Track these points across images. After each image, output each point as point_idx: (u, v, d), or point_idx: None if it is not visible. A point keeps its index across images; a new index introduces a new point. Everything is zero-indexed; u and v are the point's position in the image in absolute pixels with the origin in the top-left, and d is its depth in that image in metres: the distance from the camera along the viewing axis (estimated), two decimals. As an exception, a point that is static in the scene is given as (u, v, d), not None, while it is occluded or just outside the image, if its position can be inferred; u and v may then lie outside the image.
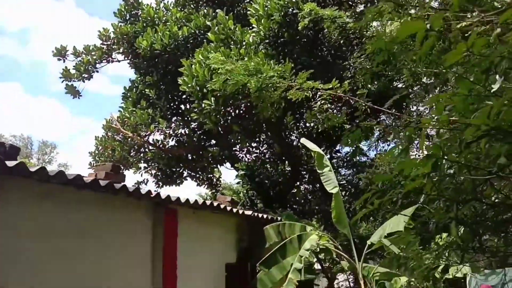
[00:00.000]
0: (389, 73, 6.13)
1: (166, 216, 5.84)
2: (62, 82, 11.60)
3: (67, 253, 4.50)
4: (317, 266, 11.17)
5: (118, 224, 5.28)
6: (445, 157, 2.08)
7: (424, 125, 2.41)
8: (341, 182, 12.24)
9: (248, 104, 8.72)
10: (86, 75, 11.64)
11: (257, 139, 11.92)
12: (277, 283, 6.58)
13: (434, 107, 2.57)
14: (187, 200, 5.87)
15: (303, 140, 8.68)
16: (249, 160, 12.33)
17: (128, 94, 11.68)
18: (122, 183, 4.76)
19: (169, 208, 5.97)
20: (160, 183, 13.13)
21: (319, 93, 5.95)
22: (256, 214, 7.93)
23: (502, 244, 2.82)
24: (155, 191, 6.16)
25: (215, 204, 6.49)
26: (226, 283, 7.31)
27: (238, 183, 11.58)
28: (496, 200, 2.53)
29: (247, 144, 11.86)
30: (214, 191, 14.30)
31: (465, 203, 2.27)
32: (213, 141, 12.93)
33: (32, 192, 4.24)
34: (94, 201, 4.96)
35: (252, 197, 11.32)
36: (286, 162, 12.27)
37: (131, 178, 15.12)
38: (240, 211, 7.36)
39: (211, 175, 14.70)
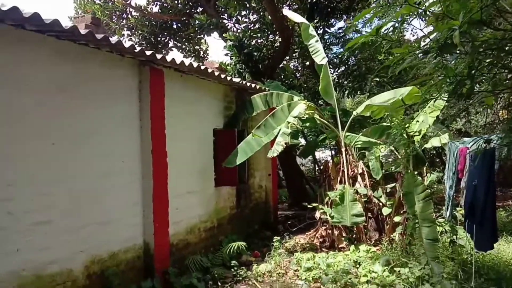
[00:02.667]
0: None
1: (152, 75, 5.68)
2: None
3: (49, 108, 4.40)
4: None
5: (101, 81, 5.11)
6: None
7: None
8: (333, 60, 12.03)
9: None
10: None
11: (248, 5, 11.21)
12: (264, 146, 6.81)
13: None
14: (173, 59, 5.66)
15: (287, 12, 8.26)
16: (238, 31, 11.80)
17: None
18: (103, 35, 4.47)
19: (155, 67, 5.78)
20: (145, 52, 12.65)
21: None
22: (244, 82, 7.82)
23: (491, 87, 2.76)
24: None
25: (203, 67, 6.29)
26: (214, 147, 7.53)
27: (226, 54, 11.23)
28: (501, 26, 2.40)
29: (237, 12, 11.22)
30: (201, 64, 13.98)
31: (472, 25, 2.14)
32: (200, 8, 12.18)
33: (7, 40, 3.97)
34: (75, 54, 4.72)
35: (240, 70, 11.09)
36: (277, 34, 11.79)
37: (114, 47, 14.54)
38: (228, 78, 7.23)
39: (198, 47, 14.23)
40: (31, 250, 4.14)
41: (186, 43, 13.91)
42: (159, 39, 13.26)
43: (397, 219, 6.92)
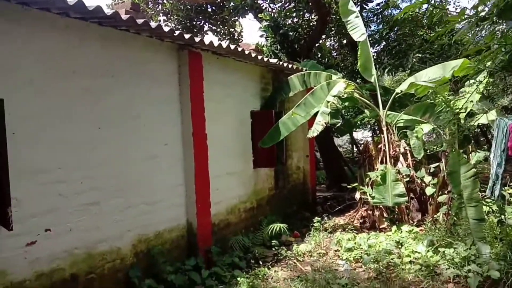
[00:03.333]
0: None
1: (190, 59, 5.73)
2: None
3: (95, 93, 4.55)
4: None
5: (142, 66, 5.22)
6: None
7: None
8: (372, 37, 11.64)
9: None
10: None
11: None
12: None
13: None
14: (211, 42, 5.68)
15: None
16: (274, 11, 11.64)
17: None
18: (143, 20, 4.53)
19: (193, 51, 5.83)
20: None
21: None
22: (280, 62, 7.75)
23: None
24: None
25: (240, 49, 6.28)
26: (251, 129, 7.56)
27: (261, 36, 11.13)
28: None
29: (272, -9, 11.07)
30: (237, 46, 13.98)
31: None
32: (235, -10, 12.09)
33: (54, 27, 4.12)
34: (117, 40, 4.83)
35: (276, 51, 10.98)
36: (313, 12, 11.54)
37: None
38: (265, 59, 7.18)
39: (233, 29, 14.19)
40: (82, 229, 4.36)
41: (221, 26, 13.90)
42: (194, 23, 13.33)
43: (441, 199, 6.74)
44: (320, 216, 9.03)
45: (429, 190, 7.06)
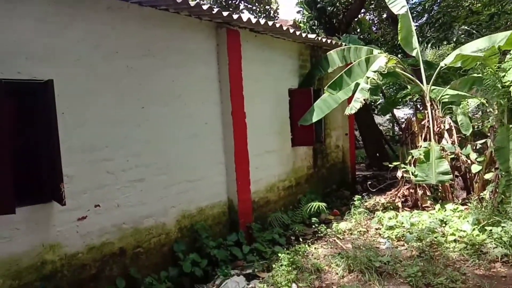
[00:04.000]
0: None
1: (229, 36, 5.72)
2: None
3: (139, 73, 4.65)
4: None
5: (182, 45, 5.27)
6: None
7: None
8: (414, 10, 11.14)
9: None
10: None
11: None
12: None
13: None
14: (249, 19, 5.64)
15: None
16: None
17: None
18: (182, -1, 4.54)
19: (231, 29, 5.82)
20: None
21: None
22: (319, 38, 7.59)
23: None
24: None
25: (278, 25, 6.19)
26: (289, 107, 7.50)
27: (298, 12, 10.91)
28: None
29: (308, -34, 10.76)
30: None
31: None
32: (270, -34, 11.87)
33: (97, 9, 4.22)
34: (157, 20, 4.89)
35: (313, 26, 10.75)
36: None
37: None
38: (304, 34, 7.04)
39: (268, 7, 13.99)
40: (129, 205, 4.54)
41: (257, 4, 13.74)
42: (230, 1, 13.25)
43: (487, 176, 6.47)
44: (360, 195, 8.96)
45: (475, 168, 6.79)
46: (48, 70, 3.74)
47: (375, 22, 13.47)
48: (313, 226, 6.90)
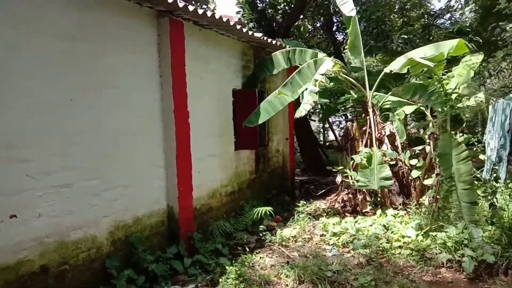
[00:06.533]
0: None
1: (172, 27, 5.19)
2: None
3: (65, 57, 3.96)
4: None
5: (119, 31, 4.63)
6: None
7: None
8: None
9: None
10: None
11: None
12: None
13: None
14: (195, 9, 5.16)
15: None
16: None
17: None
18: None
19: (174, 19, 5.29)
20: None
21: None
22: (265, 38, 7.30)
23: None
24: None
25: (225, 19, 5.78)
26: (233, 109, 7.11)
27: (238, 12, 10.59)
28: None
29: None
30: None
31: None
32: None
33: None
34: (89, 1, 4.23)
35: (253, 28, 10.49)
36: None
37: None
38: (250, 32, 6.70)
39: (206, 6, 13.52)
40: (53, 215, 3.82)
41: (193, 1, 13.19)
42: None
43: (427, 182, 6.60)
44: (299, 200, 8.82)
45: (415, 173, 6.91)
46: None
47: (310, 29, 13.60)
48: (257, 234, 6.59)
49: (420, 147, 7.32)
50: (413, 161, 7.05)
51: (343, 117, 17.29)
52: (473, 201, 5.49)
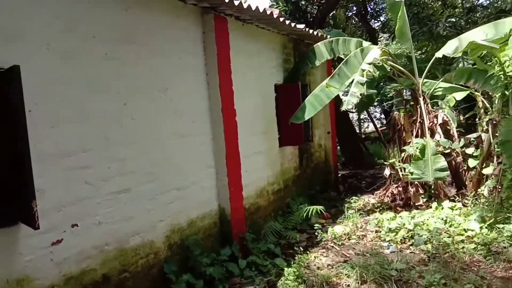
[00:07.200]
0: None
1: (216, 23, 5.06)
2: None
3: (115, 61, 3.86)
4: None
5: (165, 31, 4.53)
6: None
7: None
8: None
9: None
10: None
11: None
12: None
13: None
14: (240, 3, 4.99)
15: None
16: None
17: None
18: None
19: (218, 15, 5.15)
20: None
21: None
22: (307, 29, 7.06)
23: None
24: None
25: (268, 12, 5.59)
26: (276, 104, 6.92)
27: (271, 5, 10.36)
28: None
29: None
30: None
31: None
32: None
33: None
34: (137, 1, 4.13)
35: (288, 20, 10.22)
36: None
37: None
38: (293, 24, 6.48)
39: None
40: (112, 222, 3.75)
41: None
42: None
43: (486, 171, 6.21)
44: (346, 195, 8.56)
45: (472, 162, 6.53)
46: (11, 56, 2.92)
47: (350, 15, 13.23)
48: (307, 232, 6.40)
49: (475, 135, 6.92)
50: (469, 150, 6.67)
51: (379, 108, 16.80)
52: (543, 191, 5.11)
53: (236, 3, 4.89)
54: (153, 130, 4.26)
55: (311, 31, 7.15)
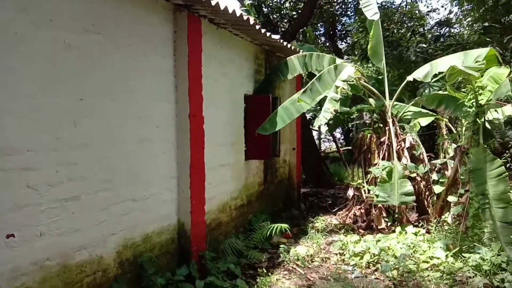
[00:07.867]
0: None
1: (190, 23, 4.71)
2: None
3: (76, 51, 3.40)
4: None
5: (133, 25, 4.12)
6: None
7: None
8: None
9: None
10: None
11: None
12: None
13: None
14: (217, 4, 4.67)
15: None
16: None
17: None
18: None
19: (192, 15, 4.81)
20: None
21: None
22: (281, 40, 6.85)
23: None
24: None
25: (245, 17, 5.31)
26: (244, 115, 6.61)
27: (243, 15, 10.13)
28: None
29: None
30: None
31: None
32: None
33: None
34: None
35: (260, 32, 10.04)
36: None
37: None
38: (268, 34, 6.23)
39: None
40: (57, 233, 3.25)
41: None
42: None
43: (452, 198, 6.19)
44: (307, 214, 8.36)
45: (437, 189, 6.51)
46: None
47: (315, 35, 13.29)
48: (268, 251, 6.08)
49: (440, 161, 6.93)
50: (434, 176, 6.66)
51: (339, 128, 16.92)
52: (510, 221, 5.09)
53: (213, 3, 4.56)
54: (112, 132, 3.80)
55: (285, 43, 6.95)
